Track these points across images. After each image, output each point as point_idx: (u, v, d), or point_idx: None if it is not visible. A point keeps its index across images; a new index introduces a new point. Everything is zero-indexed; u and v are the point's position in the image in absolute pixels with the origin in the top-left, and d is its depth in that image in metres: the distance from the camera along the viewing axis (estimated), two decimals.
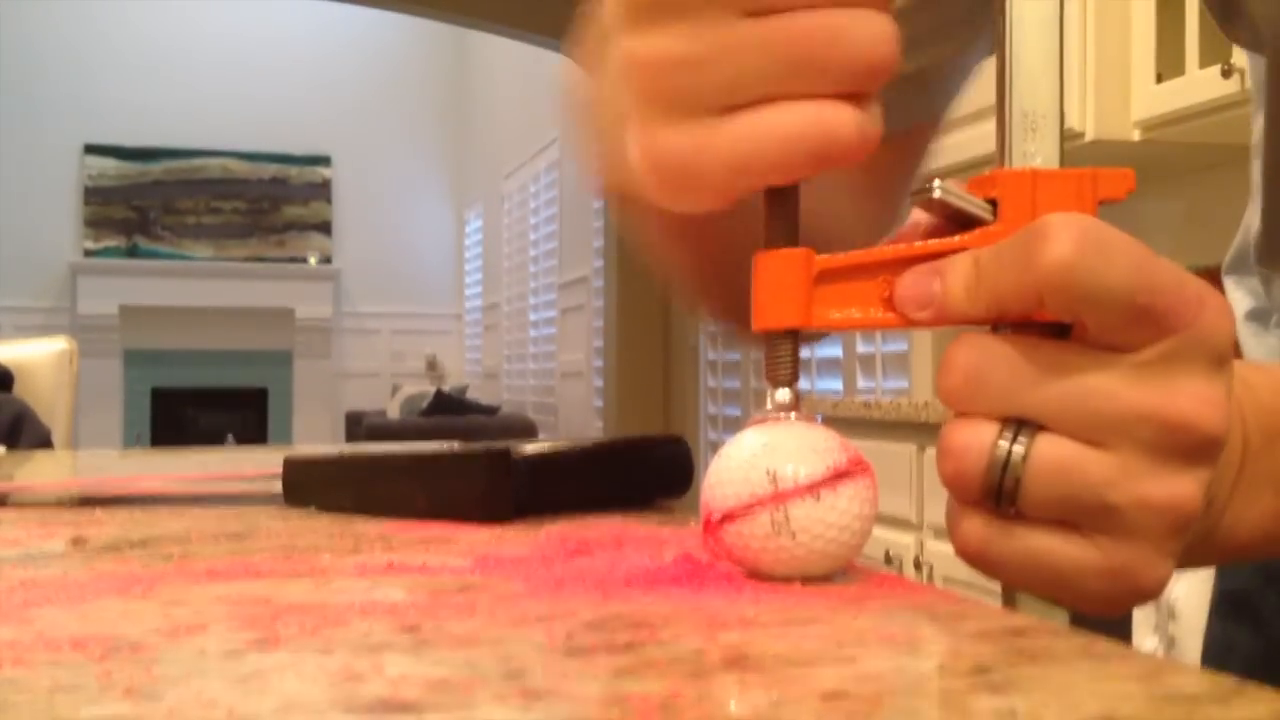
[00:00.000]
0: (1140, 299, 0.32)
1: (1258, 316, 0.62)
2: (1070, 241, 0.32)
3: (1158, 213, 2.55)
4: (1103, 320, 0.33)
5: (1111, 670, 0.25)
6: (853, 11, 0.33)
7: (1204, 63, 2.02)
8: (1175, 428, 0.32)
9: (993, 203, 0.35)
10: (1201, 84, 2.01)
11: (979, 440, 0.33)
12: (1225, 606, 0.64)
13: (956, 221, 0.36)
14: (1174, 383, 0.32)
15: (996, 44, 0.37)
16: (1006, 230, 0.34)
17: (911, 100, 0.54)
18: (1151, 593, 0.34)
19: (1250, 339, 0.63)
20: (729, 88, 0.33)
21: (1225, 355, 0.33)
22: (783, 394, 0.36)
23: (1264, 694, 0.23)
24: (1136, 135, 2.19)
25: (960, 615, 0.30)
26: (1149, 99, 2.15)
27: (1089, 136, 2.20)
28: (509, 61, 7.23)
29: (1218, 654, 0.64)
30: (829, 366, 3.98)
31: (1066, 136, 0.37)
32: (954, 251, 0.35)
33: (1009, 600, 0.37)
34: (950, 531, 0.36)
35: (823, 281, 0.35)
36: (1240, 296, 0.64)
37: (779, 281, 0.35)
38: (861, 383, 3.74)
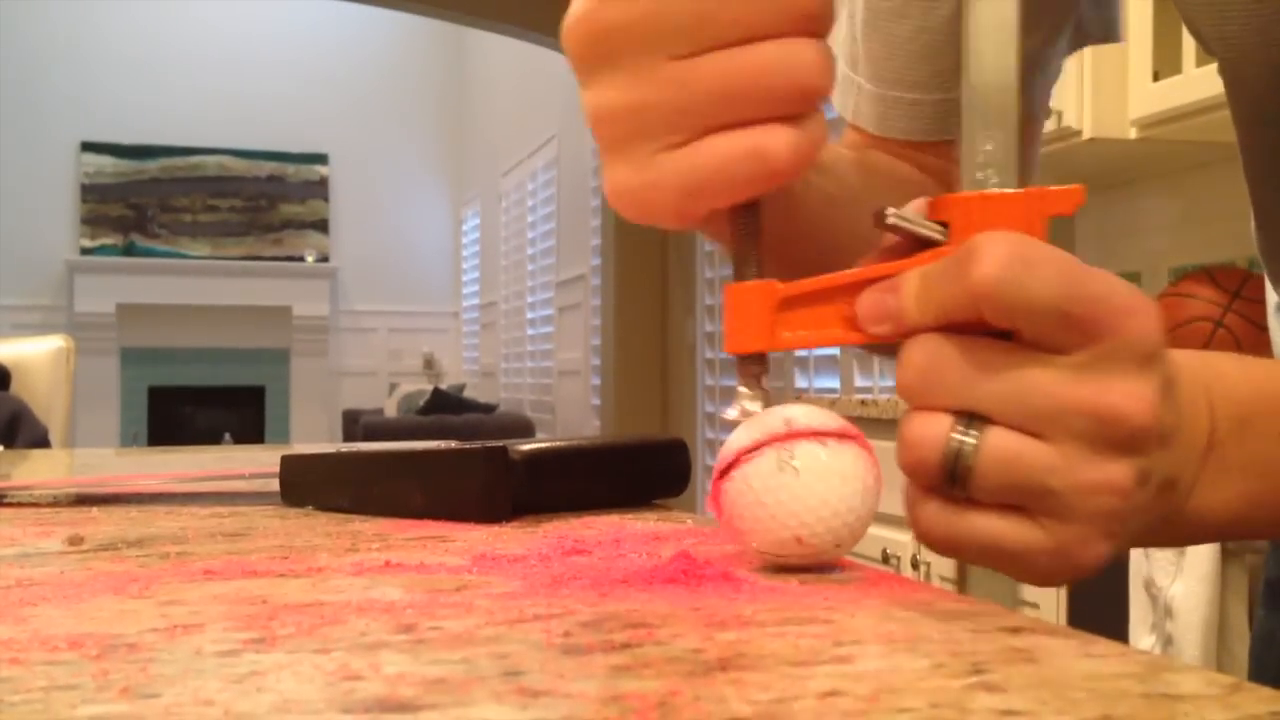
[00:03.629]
0: (1066, 308, 0.35)
1: None
2: (996, 259, 0.35)
3: (1155, 210, 2.55)
4: (1035, 328, 0.36)
5: (1108, 669, 0.25)
6: (789, 43, 0.37)
7: (1200, 61, 2.02)
8: (1107, 420, 0.35)
9: (945, 224, 0.38)
10: (1198, 82, 2.01)
11: (934, 432, 0.36)
12: (1269, 597, 0.65)
13: (915, 243, 0.39)
14: (1106, 380, 0.35)
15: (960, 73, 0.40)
16: (956, 249, 0.37)
17: None
18: (1091, 569, 0.37)
19: (1279, 332, 0.64)
20: (668, 126, 0.38)
21: (1154, 355, 0.36)
22: (751, 404, 0.39)
23: (1262, 693, 0.23)
24: (1134, 133, 2.19)
25: (958, 614, 0.30)
26: (1146, 97, 2.15)
27: (1086, 134, 2.20)
28: (507, 59, 7.23)
29: (1261, 643, 0.65)
30: (826, 364, 3.98)
31: (1065, 135, 0.38)
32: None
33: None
34: (909, 515, 0.38)
35: (786, 307, 0.39)
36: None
37: (746, 310, 0.39)
38: (859, 380, 3.74)
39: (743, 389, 0.40)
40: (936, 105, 0.58)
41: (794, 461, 0.35)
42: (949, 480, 0.36)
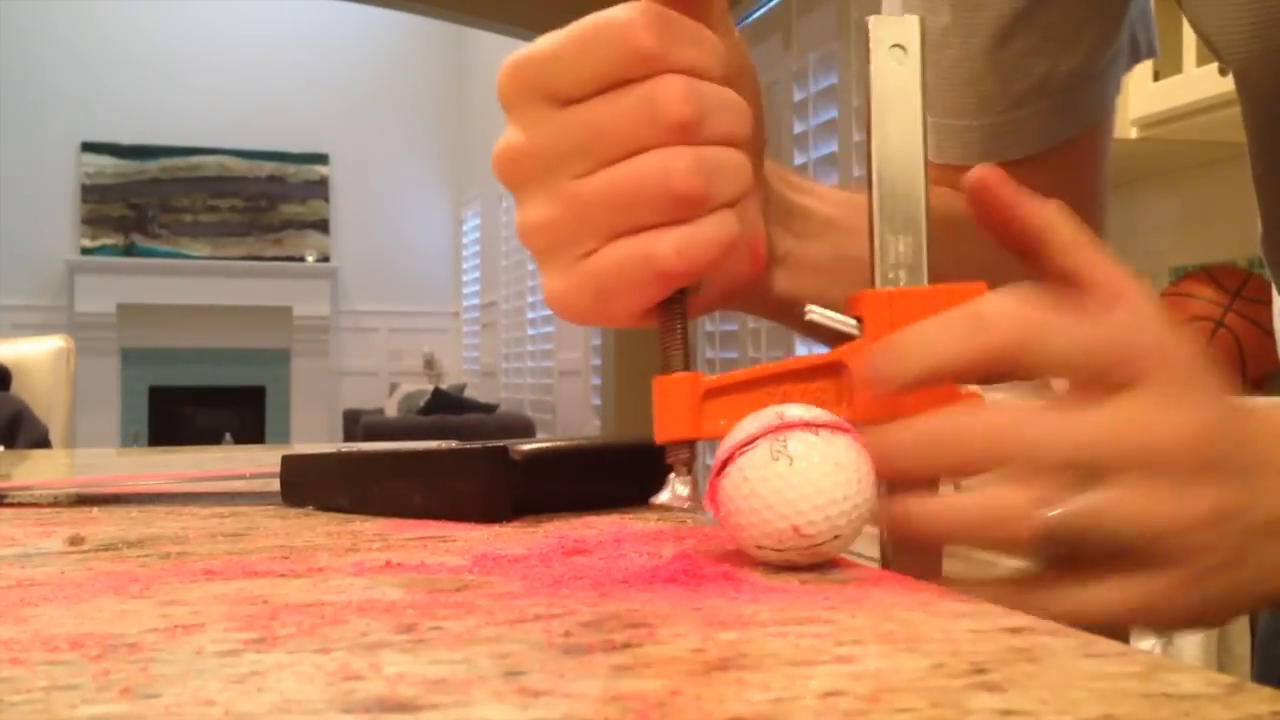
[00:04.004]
0: (1097, 357, 0.38)
1: None
2: (1010, 326, 0.38)
3: (1155, 210, 2.55)
4: (1074, 377, 0.38)
5: (1110, 669, 0.25)
6: (660, 153, 0.40)
7: (1201, 60, 2.02)
8: (1170, 454, 0.37)
9: (859, 319, 0.41)
10: (1199, 81, 2.01)
11: (1033, 503, 0.37)
12: None
13: (835, 336, 0.42)
14: (1158, 419, 0.37)
15: (867, 178, 0.43)
16: (869, 342, 0.41)
17: (1052, 112, 0.61)
18: (1196, 615, 0.38)
19: None
20: (576, 238, 0.42)
21: (1200, 386, 0.38)
22: (681, 488, 0.42)
23: (1263, 693, 0.23)
24: (1134, 133, 2.19)
25: (958, 614, 0.30)
26: (1146, 97, 2.15)
27: None
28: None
29: (1269, 641, 0.66)
30: None
31: None
32: (825, 366, 0.42)
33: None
34: (1015, 601, 0.35)
35: (711, 397, 0.42)
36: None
37: (673, 402, 0.42)
38: None
39: (673, 475, 0.43)
40: (984, 130, 0.60)
41: (787, 449, 0.36)
42: (1054, 548, 0.37)
